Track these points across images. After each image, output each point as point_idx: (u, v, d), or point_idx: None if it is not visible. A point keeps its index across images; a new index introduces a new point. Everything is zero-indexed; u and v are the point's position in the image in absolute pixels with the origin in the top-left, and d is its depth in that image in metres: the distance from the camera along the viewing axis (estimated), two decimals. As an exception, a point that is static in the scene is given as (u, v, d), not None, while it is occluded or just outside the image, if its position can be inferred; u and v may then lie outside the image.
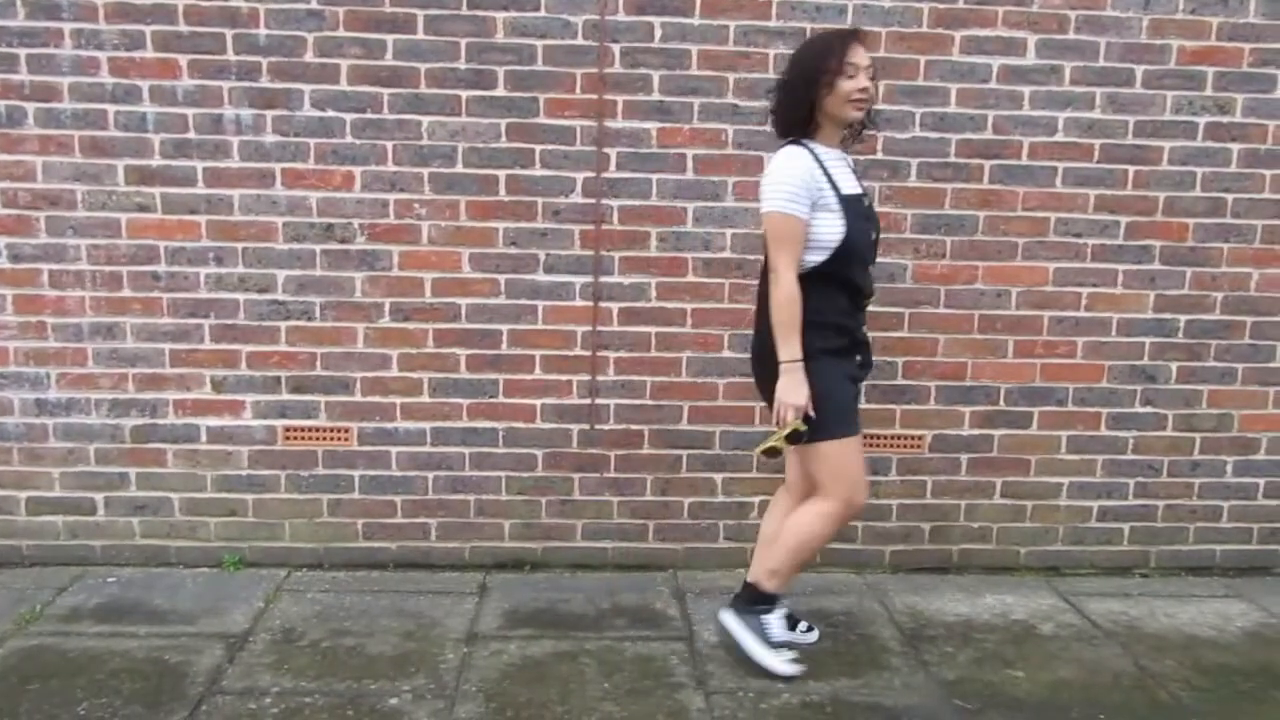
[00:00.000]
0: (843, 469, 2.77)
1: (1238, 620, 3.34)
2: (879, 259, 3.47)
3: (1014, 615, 3.33)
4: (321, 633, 3.09)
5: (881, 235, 3.47)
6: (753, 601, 2.95)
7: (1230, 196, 3.53)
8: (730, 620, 2.97)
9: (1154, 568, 3.75)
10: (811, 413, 2.68)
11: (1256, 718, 2.74)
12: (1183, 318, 3.59)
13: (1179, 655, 3.08)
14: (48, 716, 2.58)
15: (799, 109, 2.72)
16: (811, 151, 2.71)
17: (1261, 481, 3.72)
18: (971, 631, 3.19)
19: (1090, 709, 2.75)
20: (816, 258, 2.70)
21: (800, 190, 2.64)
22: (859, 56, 2.68)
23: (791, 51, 2.83)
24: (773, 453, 2.76)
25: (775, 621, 2.94)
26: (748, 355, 3.48)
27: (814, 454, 2.77)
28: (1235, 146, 3.50)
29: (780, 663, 2.88)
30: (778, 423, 2.72)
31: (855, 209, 2.73)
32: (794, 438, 2.71)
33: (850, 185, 2.76)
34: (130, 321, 3.42)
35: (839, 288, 2.75)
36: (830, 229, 2.69)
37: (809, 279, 2.69)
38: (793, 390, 2.67)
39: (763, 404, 3.50)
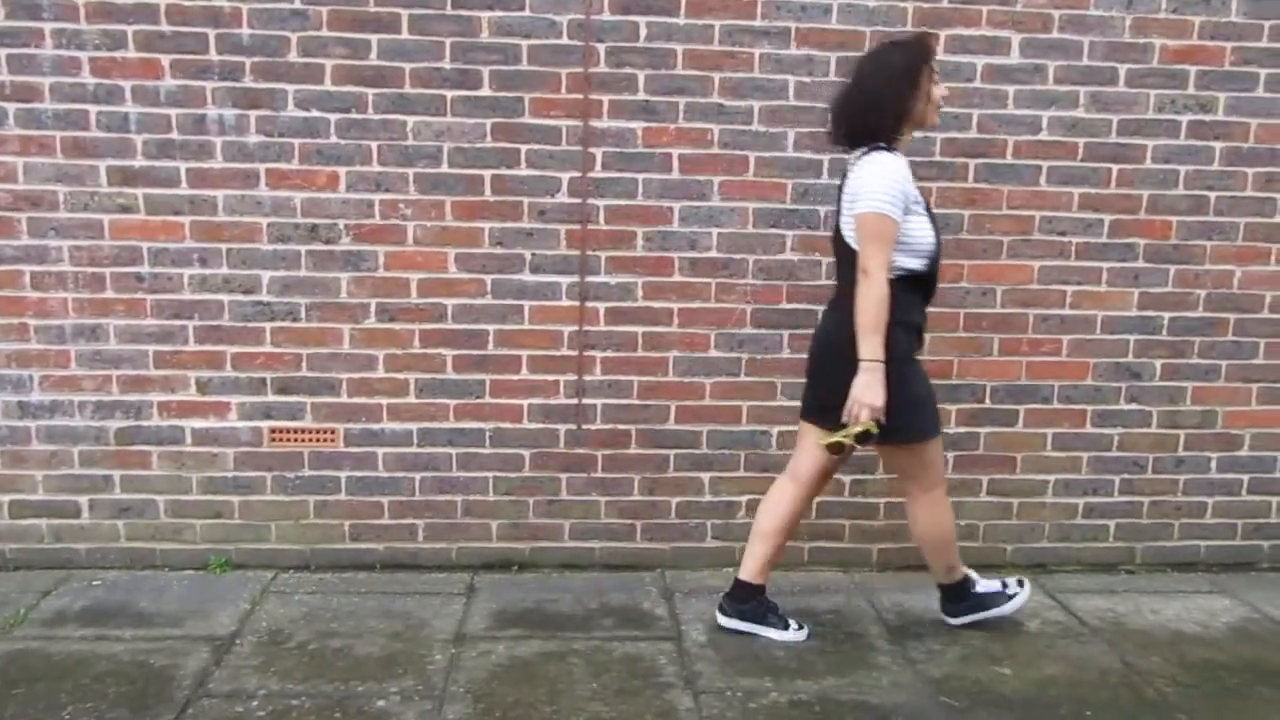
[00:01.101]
0: (936, 461, 3.00)
1: (1223, 616, 3.36)
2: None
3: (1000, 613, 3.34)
4: (309, 634, 3.08)
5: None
6: (960, 595, 3.17)
7: (1213, 194, 3.55)
8: (962, 620, 3.18)
9: (1139, 564, 3.77)
10: (882, 417, 2.73)
11: (1242, 713, 2.75)
12: (1166, 315, 3.61)
13: (1165, 651, 3.09)
14: (32, 721, 2.57)
15: (891, 115, 2.78)
16: (901, 157, 2.81)
17: (1245, 477, 3.74)
18: (958, 629, 3.20)
19: (1077, 706, 2.76)
20: (912, 262, 2.80)
21: (899, 195, 2.72)
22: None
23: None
24: (837, 448, 2.82)
25: (983, 585, 3.20)
26: (735, 355, 3.51)
27: (913, 452, 2.94)
28: (1218, 145, 3.52)
29: (1020, 600, 3.18)
30: (847, 419, 2.74)
31: (931, 214, 2.86)
32: (863, 437, 2.74)
33: None
34: (114, 323, 3.40)
35: (921, 290, 2.87)
36: (924, 233, 2.81)
37: (898, 282, 2.75)
38: (871, 390, 2.71)
39: (752, 403, 3.54)
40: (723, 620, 3.15)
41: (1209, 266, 3.59)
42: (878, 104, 2.77)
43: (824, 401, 2.88)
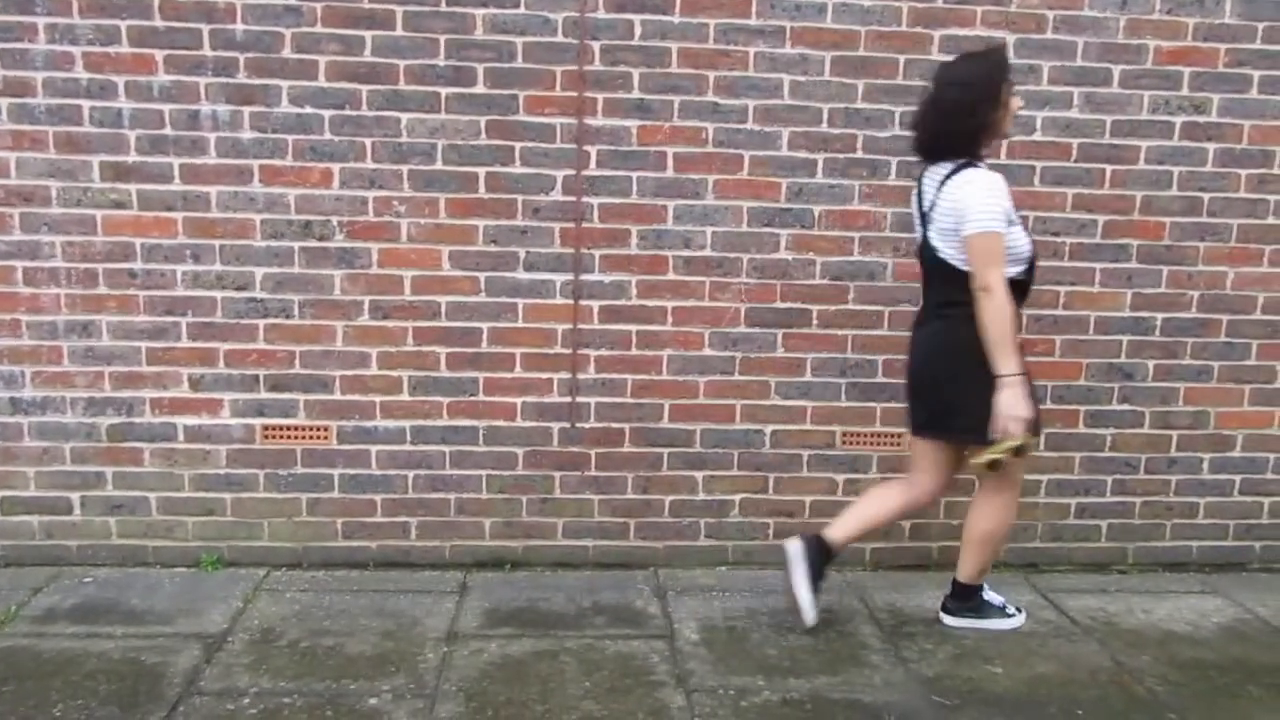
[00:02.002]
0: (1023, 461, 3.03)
1: (1213, 616, 3.37)
2: (860, 258, 3.51)
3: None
4: (300, 632, 3.07)
5: (866, 235, 3.52)
6: (967, 597, 3.19)
7: (1206, 196, 3.55)
8: (961, 622, 3.19)
9: (1131, 564, 3.78)
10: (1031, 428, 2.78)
11: (1231, 712, 2.76)
12: (1159, 316, 3.62)
13: (1155, 651, 3.10)
14: (22, 718, 2.55)
15: (974, 130, 2.83)
16: (992, 172, 2.85)
17: (1237, 478, 3.75)
18: (950, 628, 3.20)
19: (1068, 704, 2.77)
20: (1013, 270, 2.85)
21: (1000, 210, 2.78)
22: None
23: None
24: (996, 466, 2.85)
25: (991, 596, 3.23)
26: (729, 353, 3.51)
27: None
28: (1211, 146, 3.52)
29: (1013, 624, 3.19)
30: (996, 435, 2.78)
31: (1024, 220, 2.93)
32: (1018, 450, 2.78)
33: None
34: (106, 319, 3.39)
35: (1019, 291, 2.90)
36: (1022, 242, 2.87)
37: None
38: (1018, 403, 2.76)
39: (746, 402, 3.54)
40: (791, 546, 3.09)
41: (1202, 268, 3.60)
42: (960, 120, 2.81)
43: (939, 410, 2.93)
